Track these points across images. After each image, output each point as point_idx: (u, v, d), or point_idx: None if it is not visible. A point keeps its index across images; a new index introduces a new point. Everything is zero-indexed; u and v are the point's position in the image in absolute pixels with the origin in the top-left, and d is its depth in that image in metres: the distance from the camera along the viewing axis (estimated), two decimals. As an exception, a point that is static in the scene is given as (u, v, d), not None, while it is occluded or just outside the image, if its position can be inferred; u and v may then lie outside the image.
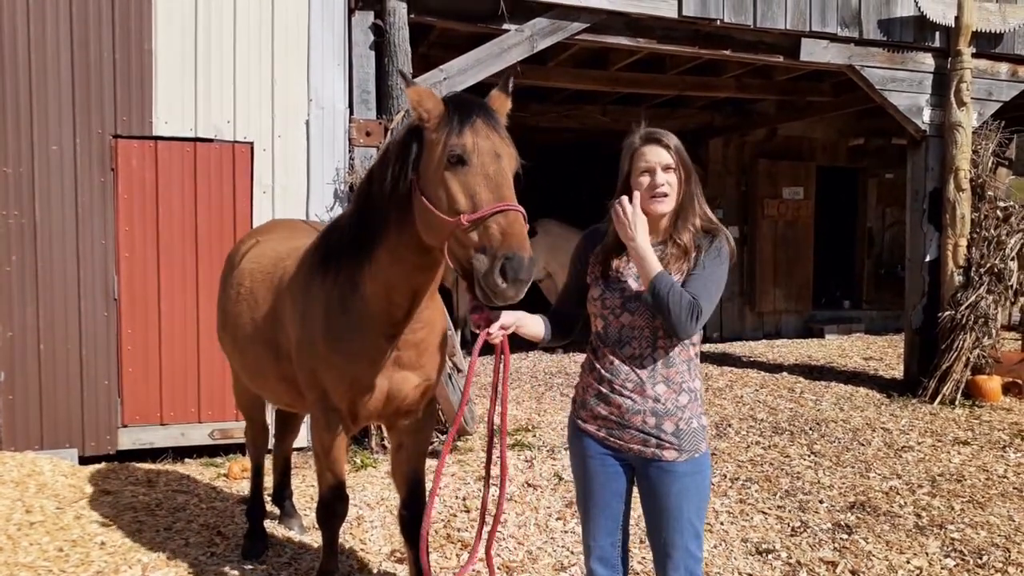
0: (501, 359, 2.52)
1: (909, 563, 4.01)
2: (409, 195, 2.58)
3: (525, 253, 2.27)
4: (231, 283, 3.82)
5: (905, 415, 7.12)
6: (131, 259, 5.67)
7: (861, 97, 8.76)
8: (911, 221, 8.38)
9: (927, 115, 7.99)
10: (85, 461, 5.56)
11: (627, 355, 2.45)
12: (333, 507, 3.28)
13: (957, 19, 7.72)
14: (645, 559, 3.86)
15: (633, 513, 2.68)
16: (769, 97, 10.96)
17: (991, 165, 8.01)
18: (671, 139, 2.45)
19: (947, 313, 7.75)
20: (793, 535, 4.38)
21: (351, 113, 6.05)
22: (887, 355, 10.25)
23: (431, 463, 3.42)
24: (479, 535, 2.67)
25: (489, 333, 2.41)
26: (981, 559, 4.04)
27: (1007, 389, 7.65)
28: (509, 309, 2.43)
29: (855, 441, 6.27)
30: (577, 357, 9.93)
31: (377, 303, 2.86)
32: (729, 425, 6.79)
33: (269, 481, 4.65)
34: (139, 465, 5.57)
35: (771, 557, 4.09)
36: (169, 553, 4.02)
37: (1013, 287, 7.85)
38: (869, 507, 4.78)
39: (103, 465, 5.51)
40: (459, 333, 7.83)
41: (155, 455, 5.77)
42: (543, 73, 8.96)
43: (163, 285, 5.73)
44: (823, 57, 7.57)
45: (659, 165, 2.41)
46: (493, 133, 2.46)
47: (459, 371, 6.05)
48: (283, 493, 4.53)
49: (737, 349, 11.03)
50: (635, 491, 2.58)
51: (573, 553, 4.09)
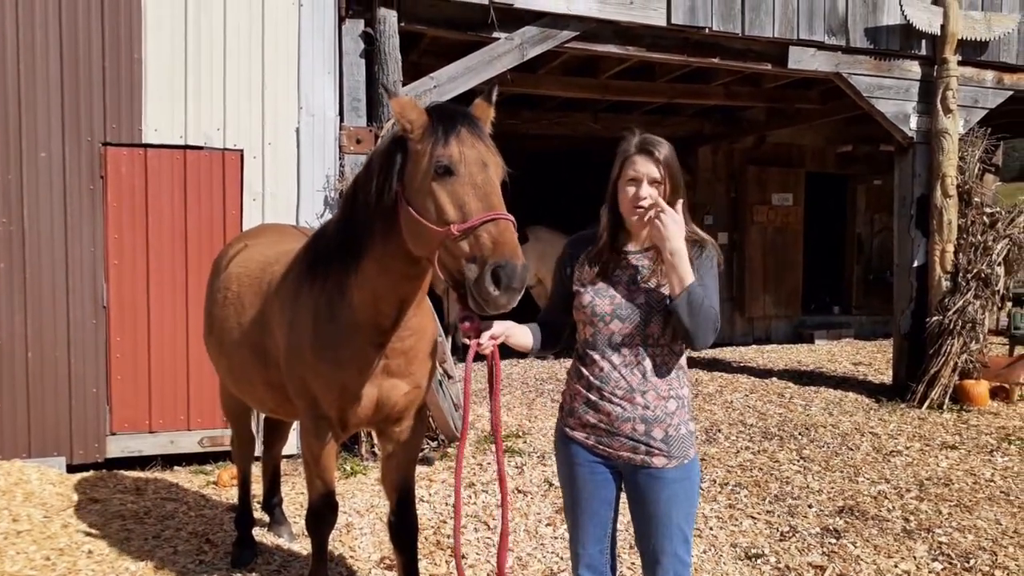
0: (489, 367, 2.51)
1: (897, 567, 4.04)
2: (395, 206, 2.57)
3: (518, 261, 2.25)
4: (218, 287, 3.79)
5: (894, 420, 7.16)
6: (120, 266, 5.65)
7: (849, 104, 8.82)
8: (899, 227, 8.45)
9: (914, 122, 8.05)
10: (73, 469, 5.53)
11: (617, 362, 2.45)
12: (323, 515, 3.26)
13: (943, 27, 7.80)
14: (635, 564, 3.86)
15: (621, 518, 2.69)
16: (758, 104, 11.03)
17: (977, 171, 8.09)
18: (663, 151, 2.44)
19: (935, 318, 7.80)
20: (782, 540, 4.40)
21: (341, 120, 6.05)
22: (876, 360, 10.30)
23: (421, 470, 3.42)
24: (457, 539, 2.60)
25: (480, 344, 2.40)
26: (968, 563, 4.07)
27: (994, 393, 7.70)
28: (500, 318, 2.42)
29: (844, 446, 6.30)
30: (568, 363, 9.91)
31: (365, 312, 2.84)
32: (719, 430, 6.81)
33: (258, 488, 4.64)
34: (128, 473, 5.55)
35: (760, 562, 4.11)
36: (157, 561, 4.00)
37: (1000, 292, 7.91)
38: (857, 511, 4.81)
39: (91, 473, 5.49)
40: (450, 340, 7.84)
41: (144, 463, 5.74)
42: (533, 81, 9.00)
43: (152, 292, 5.72)
44: (811, 65, 7.64)
45: (646, 177, 2.42)
46: (479, 142, 2.45)
47: (450, 377, 6.05)
48: (272, 500, 4.52)
49: (727, 354, 11.06)
50: (622, 497, 2.59)
51: (563, 559, 4.09)
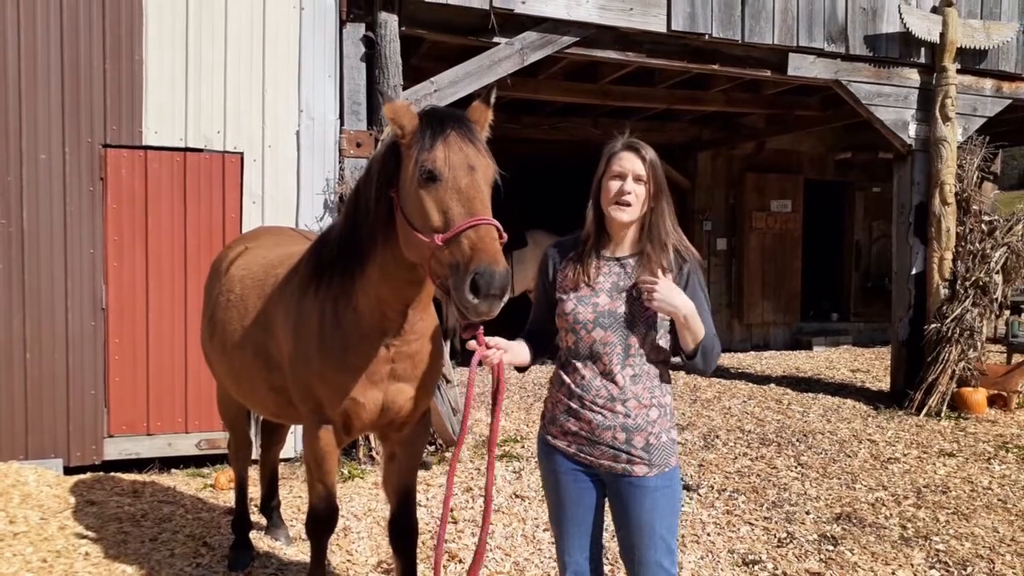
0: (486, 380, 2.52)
1: (894, 574, 4.04)
2: (392, 212, 2.55)
3: (496, 266, 2.19)
4: (220, 290, 3.74)
5: (891, 427, 7.16)
6: (120, 269, 5.65)
7: (848, 112, 8.85)
8: (897, 234, 8.46)
9: (913, 130, 8.08)
10: (70, 471, 5.52)
11: (599, 370, 2.44)
12: (324, 518, 3.23)
13: (942, 35, 7.83)
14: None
15: (609, 529, 2.67)
16: (757, 111, 11.06)
17: (976, 179, 8.10)
18: (648, 152, 2.47)
19: (933, 326, 7.81)
20: (779, 546, 4.39)
21: (341, 124, 6.05)
22: (874, 367, 10.31)
23: (418, 474, 3.41)
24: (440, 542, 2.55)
25: (486, 355, 2.38)
26: (966, 570, 4.07)
27: (992, 401, 7.72)
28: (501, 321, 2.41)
29: (842, 453, 6.30)
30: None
31: (371, 317, 2.82)
32: (717, 436, 6.81)
33: (255, 492, 4.63)
34: (125, 475, 5.54)
35: (757, 568, 4.10)
36: (154, 564, 4.00)
37: (998, 300, 7.93)
38: (855, 518, 4.81)
39: (88, 475, 5.48)
40: (448, 344, 7.83)
41: (141, 465, 5.73)
42: (533, 86, 9.02)
43: (151, 295, 5.71)
44: (810, 72, 7.66)
45: (631, 173, 2.43)
46: (467, 145, 2.40)
47: (448, 382, 6.05)
48: (270, 504, 4.50)
49: (725, 361, 11.05)
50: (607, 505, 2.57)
51: (560, 564, 4.08)
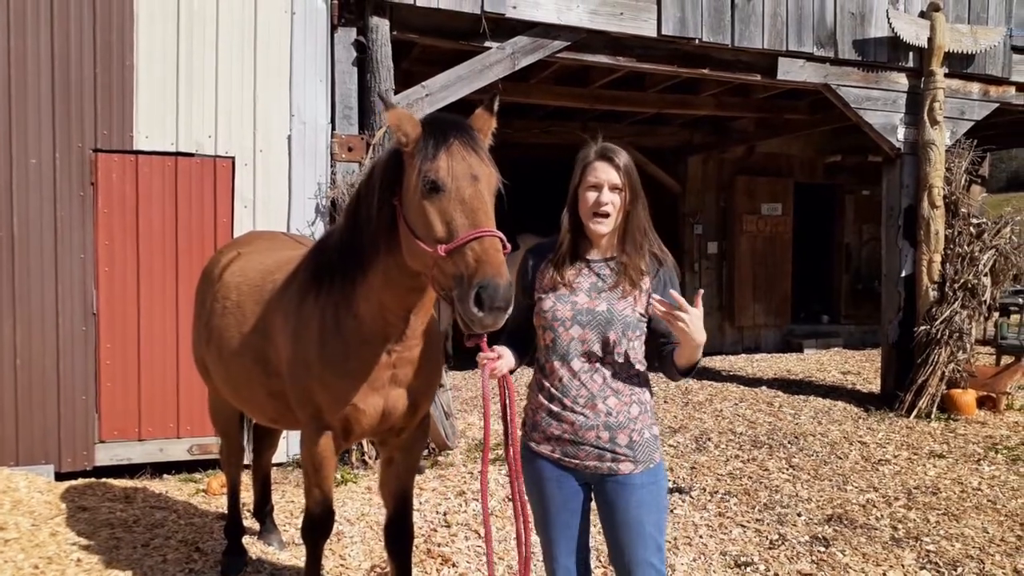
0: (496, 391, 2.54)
1: (885, 575, 4.06)
2: (395, 220, 2.54)
3: (501, 280, 2.18)
4: (215, 296, 3.70)
5: (882, 428, 7.20)
6: (111, 273, 5.64)
7: (837, 115, 8.90)
8: (886, 237, 8.52)
9: (901, 133, 8.14)
10: (61, 477, 5.49)
11: (576, 368, 2.45)
12: (320, 523, 3.21)
13: (930, 40, 7.90)
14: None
15: (596, 539, 2.67)
16: (747, 115, 11.09)
17: (964, 182, 8.17)
18: (622, 158, 2.48)
19: (922, 328, 7.87)
20: (771, 548, 4.41)
21: (333, 128, 6.06)
22: (865, 369, 10.36)
23: (415, 479, 3.41)
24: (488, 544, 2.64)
25: (495, 368, 2.40)
26: (956, 571, 4.10)
27: (981, 403, 7.76)
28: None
29: (833, 454, 6.33)
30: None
31: (372, 323, 2.81)
32: (708, 439, 6.83)
33: (247, 497, 4.62)
34: (116, 481, 5.51)
35: (750, 570, 4.12)
36: (147, 570, 3.98)
37: (986, 302, 7.98)
38: (846, 520, 4.83)
39: (80, 481, 5.45)
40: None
41: (133, 471, 5.71)
42: (524, 90, 9.03)
43: (143, 299, 5.70)
44: (799, 76, 7.71)
45: (607, 183, 2.44)
46: (470, 154, 2.38)
47: (441, 386, 6.05)
48: (263, 509, 4.49)
49: (717, 363, 11.10)
50: (593, 509, 2.57)
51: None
